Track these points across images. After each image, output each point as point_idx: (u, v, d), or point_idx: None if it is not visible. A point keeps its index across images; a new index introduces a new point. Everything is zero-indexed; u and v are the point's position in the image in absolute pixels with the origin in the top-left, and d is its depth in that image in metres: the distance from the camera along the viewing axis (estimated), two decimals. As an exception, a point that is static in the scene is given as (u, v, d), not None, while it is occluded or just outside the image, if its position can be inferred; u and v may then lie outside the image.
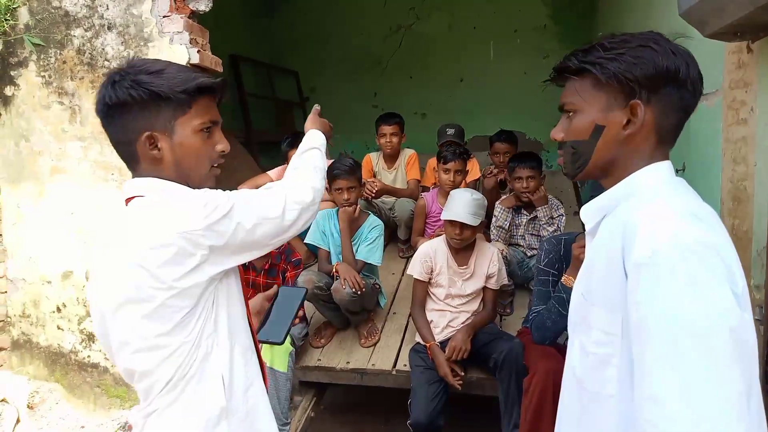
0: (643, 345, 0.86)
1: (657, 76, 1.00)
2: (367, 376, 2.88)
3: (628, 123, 1.02)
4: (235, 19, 5.58)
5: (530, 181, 3.26)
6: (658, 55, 1.01)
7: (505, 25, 6.03)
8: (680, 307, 0.83)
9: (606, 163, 1.06)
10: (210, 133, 1.17)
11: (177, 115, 1.12)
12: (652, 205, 0.96)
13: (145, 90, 1.08)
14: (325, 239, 3.11)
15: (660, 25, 3.37)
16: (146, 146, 1.11)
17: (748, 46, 2.02)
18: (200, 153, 1.16)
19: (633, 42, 1.03)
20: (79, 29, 3.30)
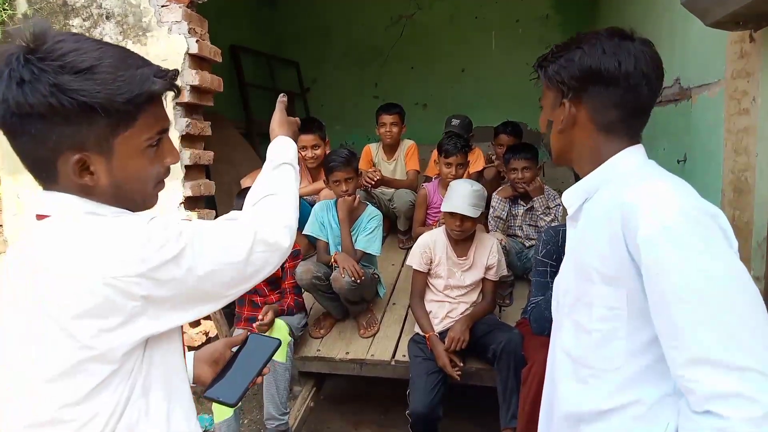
0: (673, 313, 0.90)
1: (581, 77, 1.08)
2: (366, 367, 2.89)
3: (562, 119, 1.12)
4: (236, 10, 5.55)
5: (525, 172, 3.26)
6: (585, 56, 1.07)
7: (507, 15, 5.99)
8: (703, 269, 0.89)
9: (561, 152, 1.18)
10: (158, 147, 0.92)
11: (117, 132, 0.85)
12: (644, 183, 1.00)
13: (71, 100, 0.79)
14: (324, 230, 3.10)
15: (662, 15, 3.34)
16: (74, 171, 0.84)
17: (750, 35, 2.00)
18: (146, 174, 0.91)
19: (572, 44, 1.11)
20: (78, 19, 3.28)
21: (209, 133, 3.42)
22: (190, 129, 3.21)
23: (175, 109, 3.18)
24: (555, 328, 1.24)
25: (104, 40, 3.10)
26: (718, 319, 0.87)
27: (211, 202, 3.83)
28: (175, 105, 3.18)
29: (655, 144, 3.43)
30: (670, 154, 2.81)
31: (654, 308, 0.94)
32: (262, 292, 2.97)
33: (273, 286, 2.99)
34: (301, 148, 3.56)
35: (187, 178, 3.24)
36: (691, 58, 2.86)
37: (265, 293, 2.97)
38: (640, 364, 1.01)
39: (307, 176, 3.75)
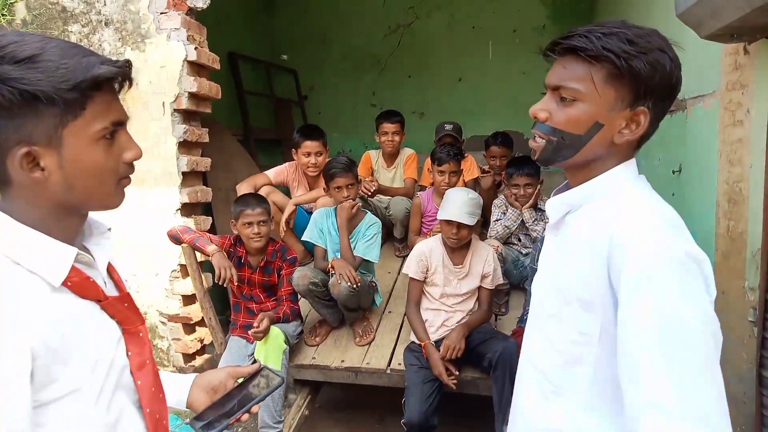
0: (638, 353, 0.88)
1: (667, 87, 0.96)
2: (361, 375, 2.88)
3: (625, 127, 0.98)
4: (234, 17, 5.57)
5: (528, 189, 3.27)
6: (673, 65, 0.96)
7: (504, 25, 6.03)
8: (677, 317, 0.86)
9: (589, 160, 1.02)
10: (113, 140, 0.86)
11: (65, 121, 0.79)
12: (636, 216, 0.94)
13: (13, 89, 0.74)
14: (323, 237, 3.11)
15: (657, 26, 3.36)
16: (21, 165, 0.78)
17: (744, 47, 2.02)
18: (102, 168, 0.84)
19: (653, 43, 0.95)
20: (77, 25, 3.29)
21: (207, 139, 3.42)
22: (188, 135, 3.22)
23: (173, 116, 3.19)
24: (527, 335, 1.21)
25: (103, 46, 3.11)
26: (679, 369, 0.84)
27: (207, 209, 3.83)
28: (173, 111, 3.19)
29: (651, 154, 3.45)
30: (665, 165, 2.83)
31: (621, 343, 0.91)
32: (258, 299, 2.96)
33: (269, 293, 2.98)
34: (305, 155, 3.57)
35: (184, 185, 3.24)
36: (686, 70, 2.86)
37: (261, 300, 2.96)
38: (603, 394, 0.98)
39: (304, 184, 3.76)
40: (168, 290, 3.34)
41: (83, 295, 0.86)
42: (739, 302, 1.98)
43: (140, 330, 0.94)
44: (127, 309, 0.92)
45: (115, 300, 0.91)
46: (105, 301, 0.89)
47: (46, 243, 0.83)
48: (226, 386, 1.15)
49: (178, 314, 3.35)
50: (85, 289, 0.86)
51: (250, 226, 2.80)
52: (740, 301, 1.98)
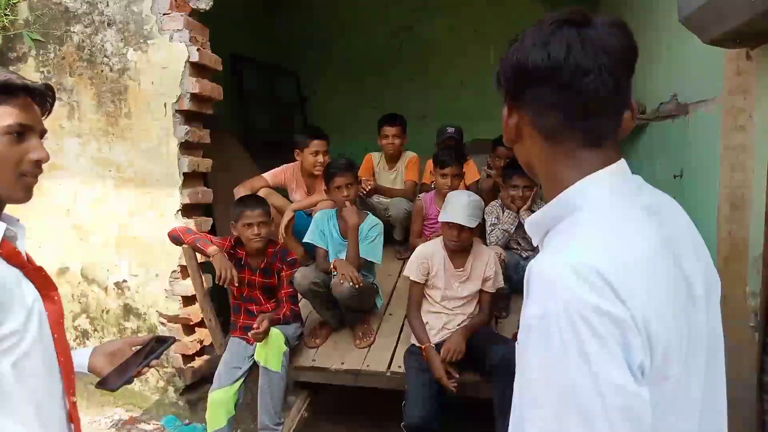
0: (523, 414, 0.76)
1: (514, 76, 0.89)
2: (361, 377, 2.87)
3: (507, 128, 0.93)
4: (236, 19, 5.58)
5: (526, 191, 3.27)
6: (516, 51, 0.88)
7: (506, 29, 5.94)
8: (565, 381, 0.69)
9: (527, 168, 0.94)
10: (20, 139, 1.03)
11: None
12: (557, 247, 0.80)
13: None
14: (324, 239, 3.11)
15: (660, 31, 3.38)
16: None
17: (747, 53, 2.02)
18: (4, 159, 1.01)
19: (516, 38, 0.90)
20: (79, 25, 3.30)
21: (208, 141, 3.43)
22: (189, 137, 3.22)
23: (174, 117, 3.19)
24: None
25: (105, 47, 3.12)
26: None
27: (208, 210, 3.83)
28: (175, 113, 3.19)
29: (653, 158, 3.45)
30: (666, 170, 2.83)
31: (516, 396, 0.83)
32: (258, 301, 2.96)
33: (269, 295, 2.98)
34: (313, 154, 3.58)
35: (185, 186, 3.25)
36: (688, 75, 2.88)
37: (261, 302, 2.96)
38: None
39: (302, 186, 3.76)
40: (168, 291, 3.33)
41: (11, 261, 1.04)
42: (740, 307, 1.97)
43: (54, 294, 1.13)
44: (43, 277, 1.11)
45: (34, 269, 1.10)
46: (27, 269, 1.08)
47: None
48: (122, 351, 1.33)
49: (178, 315, 3.34)
50: (13, 257, 1.04)
51: (250, 227, 2.80)
52: (741, 306, 1.98)
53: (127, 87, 3.27)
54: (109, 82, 3.29)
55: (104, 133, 3.30)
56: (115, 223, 3.35)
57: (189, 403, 3.41)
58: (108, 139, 3.29)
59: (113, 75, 3.28)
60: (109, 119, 3.29)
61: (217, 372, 2.82)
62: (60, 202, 3.37)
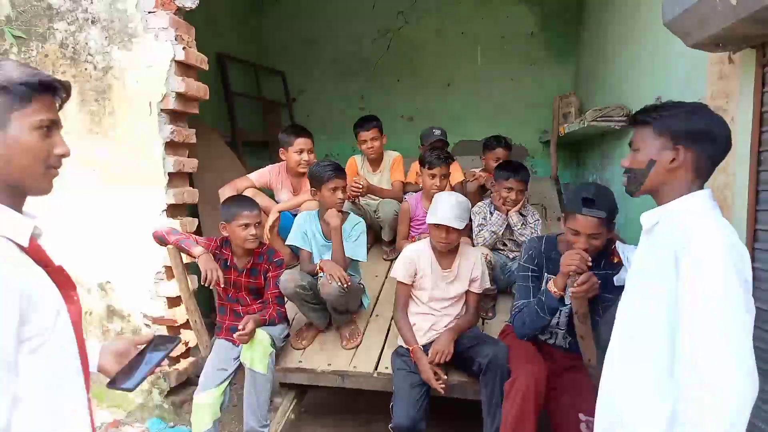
0: (697, 322, 1.34)
1: (697, 132, 1.47)
2: (348, 379, 2.86)
3: (673, 160, 1.49)
4: (223, 18, 5.54)
5: (519, 195, 3.29)
6: (699, 118, 1.49)
7: (492, 31, 6.07)
8: (724, 293, 1.32)
9: (655, 185, 1.55)
10: (48, 133, 1.09)
11: (13, 108, 1.04)
12: (704, 221, 1.42)
13: None
14: (307, 240, 3.09)
15: (644, 34, 3.41)
16: None
17: (729, 57, 2.05)
18: (35, 151, 1.07)
19: (685, 107, 1.52)
20: (62, 23, 3.25)
21: (194, 140, 3.39)
22: (175, 136, 3.19)
23: (159, 116, 3.16)
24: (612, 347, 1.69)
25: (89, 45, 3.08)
26: (729, 332, 1.32)
27: (194, 211, 3.79)
28: (160, 112, 3.16)
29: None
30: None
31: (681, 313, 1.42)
32: (244, 302, 2.94)
33: (255, 296, 2.96)
34: (297, 152, 3.56)
35: (170, 186, 3.21)
36: (672, 78, 2.92)
37: (247, 303, 2.94)
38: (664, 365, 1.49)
39: (288, 186, 3.74)
40: (153, 292, 3.30)
41: (36, 259, 1.07)
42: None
43: (74, 294, 1.15)
44: (64, 276, 1.13)
45: (56, 268, 1.12)
46: (50, 267, 1.10)
47: (11, 213, 1.05)
48: (129, 351, 1.38)
49: (163, 316, 3.31)
50: (39, 254, 1.08)
51: (247, 227, 2.77)
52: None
53: (111, 86, 3.22)
54: (93, 80, 3.24)
55: (88, 132, 3.25)
56: (99, 224, 3.31)
57: (174, 405, 3.37)
58: (92, 139, 3.25)
59: (97, 73, 3.24)
60: (93, 118, 3.25)
61: (202, 374, 2.79)
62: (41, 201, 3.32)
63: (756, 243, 1.93)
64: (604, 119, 3.72)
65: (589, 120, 3.77)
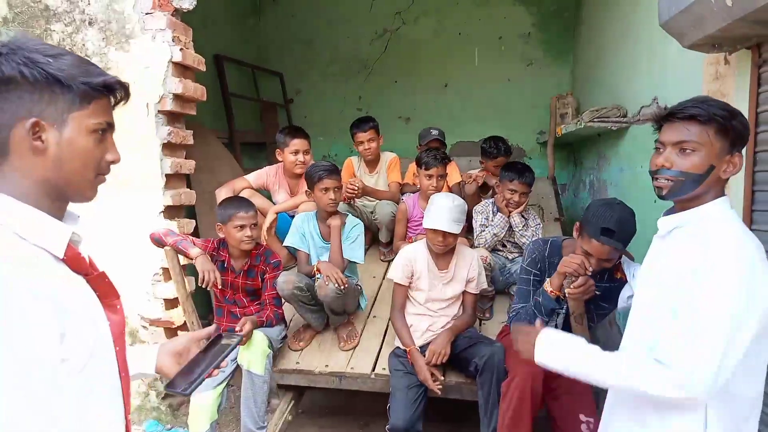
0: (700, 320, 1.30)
1: (745, 139, 1.40)
2: (345, 380, 2.86)
3: (727, 167, 1.38)
4: (220, 19, 5.54)
5: (522, 197, 3.28)
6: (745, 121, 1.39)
7: (490, 31, 6.07)
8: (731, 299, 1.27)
9: (701, 192, 1.40)
10: (103, 137, 1.02)
11: (72, 108, 0.96)
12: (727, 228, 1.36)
13: (41, 71, 0.92)
14: (305, 241, 3.09)
15: (641, 35, 3.42)
16: (28, 134, 0.93)
17: (725, 57, 2.05)
18: (89, 156, 0.99)
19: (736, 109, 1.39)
20: (60, 24, 3.24)
21: (191, 142, 3.39)
22: (172, 137, 3.18)
23: (157, 117, 3.15)
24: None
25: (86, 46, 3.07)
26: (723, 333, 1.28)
27: (191, 212, 3.79)
28: (157, 113, 3.15)
29: (634, 161, 3.49)
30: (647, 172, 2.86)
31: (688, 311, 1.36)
32: (241, 303, 2.93)
33: (252, 298, 2.96)
34: (293, 153, 3.56)
35: (167, 187, 3.21)
36: (668, 78, 2.92)
37: (245, 304, 2.94)
38: None
39: (285, 187, 3.74)
40: (150, 294, 3.29)
41: (75, 268, 0.99)
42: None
43: (116, 303, 1.06)
44: (106, 284, 1.05)
45: (97, 275, 1.04)
46: (91, 276, 1.02)
47: (47, 220, 0.95)
48: (188, 350, 1.30)
49: (160, 318, 3.30)
50: (77, 263, 0.99)
51: (243, 228, 2.77)
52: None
53: (108, 87, 3.22)
54: (90, 81, 3.24)
55: (85, 134, 3.25)
56: (96, 226, 3.30)
57: (171, 407, 3.37)
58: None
59: (94, 75, 3.23)
60: (89, 120, 3.24)
61: (199, 375, 2.78)
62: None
63: (752, 243, 1.93)
64: (600, 120, 3.72)
65: (586, 121, 3.78)
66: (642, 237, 2.11)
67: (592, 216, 2.12)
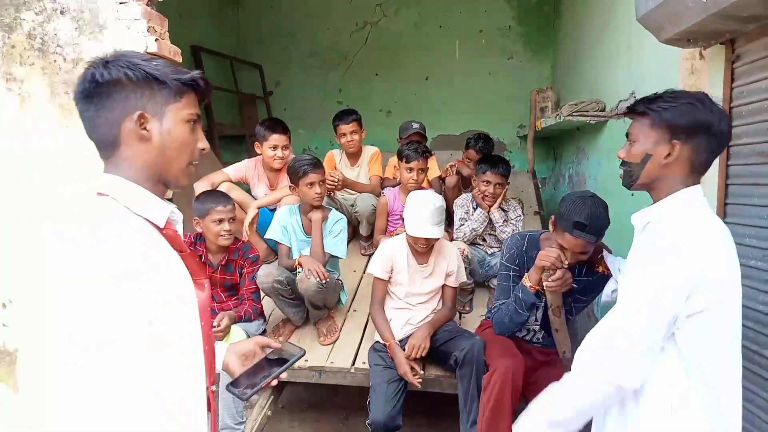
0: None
1: (695, 126, 1.41)
2: (325, 374, 2.85)
3: (668, 155, 1.44)
4: (198, 10, 5.45)
5: (498, 188, 3.27)
6: (698, 111, 1.41)
7: (470, 25, 6.07)
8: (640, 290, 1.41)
9: (650, 180, 1.49)
10: (194, 127, 1.16)
11: (168, 102, 1.11)
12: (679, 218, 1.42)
13: (141, 71, 1.08)
14: (287, 234, 3.06)
15: (619, 29, 3.44)
16: (136, 125, 1.08)
17: (700, 53, 2.08)
18: (185, 144, 1.14)
19: (684, 98, 1.44)
20: (30, 12, 3.15)
21: (168, 134, 3.33)
22: (148, 130, 3.12)
23: (132, 109, 3.09)
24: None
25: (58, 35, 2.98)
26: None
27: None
28: (132, 105, 3.09)
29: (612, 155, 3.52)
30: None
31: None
32: (219, 298, 2.90)
33: (231, 293, 2.93)
34: (272, 148, 3.52)
35: (143, 181, 3.15)
36: (646, 73, 2.95)
37: (222, 299, 2.91)
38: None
39: (264, 180, 3.70)
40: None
41: (172, 244, 1.11)
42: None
43: (204, 282, 1.17)
44: (196, 263, 1.17)
45: (189, 254, 1.16)
46: (185, 253, 1.13)
47: (151, 197, 1.10)
48: (254, 353, 1.42)
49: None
50: (175, 239, 1.12)
51: (221, 222, 2.74)
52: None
53: (81, 78, 3.15)
54: (63, 72, 3.15)
55: (58, 126, 3.17)
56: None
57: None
58: (63, 133, 3.16)
59: (67, 65, 3.15)
60: (63, 111, 3.16)
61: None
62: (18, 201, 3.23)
63: (725, 236, 1.96)
64: (579, 114, 3.75)
65: (565, 114, 3.80)
66: (621, 230, 2.13)
67: (565, 210, 2.13)
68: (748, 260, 1.85)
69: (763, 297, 1.80)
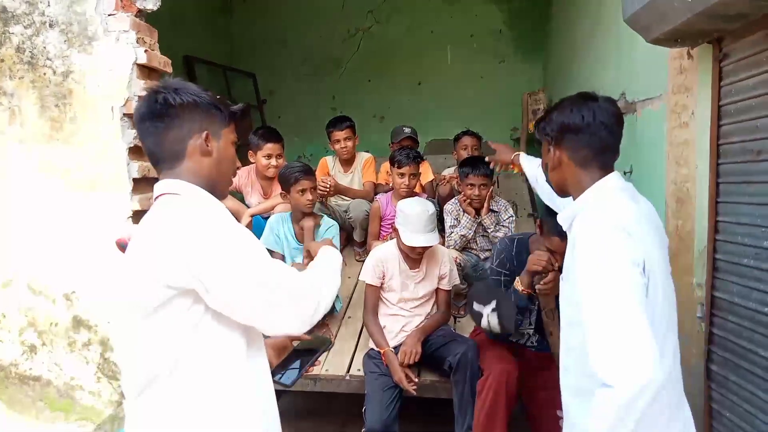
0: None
1: (558, 129, 1.52)
2: (320, 382, 2.83)
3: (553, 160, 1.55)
4: (190, 19, 5.46)
5: (482, 189, 3.26)
6: (560, 115, 1.52)
7: (461, 29, 6.09)
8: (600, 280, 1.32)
9: (559, 184, 1.59)
10: (236, 149, 1.41)
11: (223, 125, 1.36)
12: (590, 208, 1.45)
13: (206, 98, 1.33)
14: (279, 243, 3.06)
15: (609, 31, 3.45)
16: (203, 142, 1.31)
17: (688, 52, 2.08)
18: (232, 160, 1.39)
19: (555, 109, 1.56)
20: (19, 26, 3.15)
21: (159, 145, 3.32)
22: (138, 141, 3.11)
23: (122, 121, 3.08)
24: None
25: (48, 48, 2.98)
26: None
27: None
28: (123, 116, 3.08)
29: (604, 156, 3.52)
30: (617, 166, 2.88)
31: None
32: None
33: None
34: (266, 157, 3.52)
35: (135, 192, 3.13)
36: (636, 73, 2.95)
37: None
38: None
39: (258, 189, 3.69)
40: (119, 300, 3.22)
41: None
42: (688, 299, 2.03)
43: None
44: None
45: None
46: None
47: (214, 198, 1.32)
48: (286, 345, 1.62)
49: (131, 325, 3.23)
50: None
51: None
52: (689, 297, 2.03)
53: (71, 90, 3.13)
54: (53, 85, 3.15)
55: (49, 139, 3.16)
56: (63, 232, 3.21)
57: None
58: (53, 145, 3.16)
59: (57, 78, 3.15)
60: (53, 124, 3.15)
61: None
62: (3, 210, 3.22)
63: (717, 234, 1.96)
64: (571, 116, 3.74)
65: (556, 117, 3.79)
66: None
67: (548, 213, 2.12)
68: (741, 258, 1.84)
69: (756, 295, 1.79)
